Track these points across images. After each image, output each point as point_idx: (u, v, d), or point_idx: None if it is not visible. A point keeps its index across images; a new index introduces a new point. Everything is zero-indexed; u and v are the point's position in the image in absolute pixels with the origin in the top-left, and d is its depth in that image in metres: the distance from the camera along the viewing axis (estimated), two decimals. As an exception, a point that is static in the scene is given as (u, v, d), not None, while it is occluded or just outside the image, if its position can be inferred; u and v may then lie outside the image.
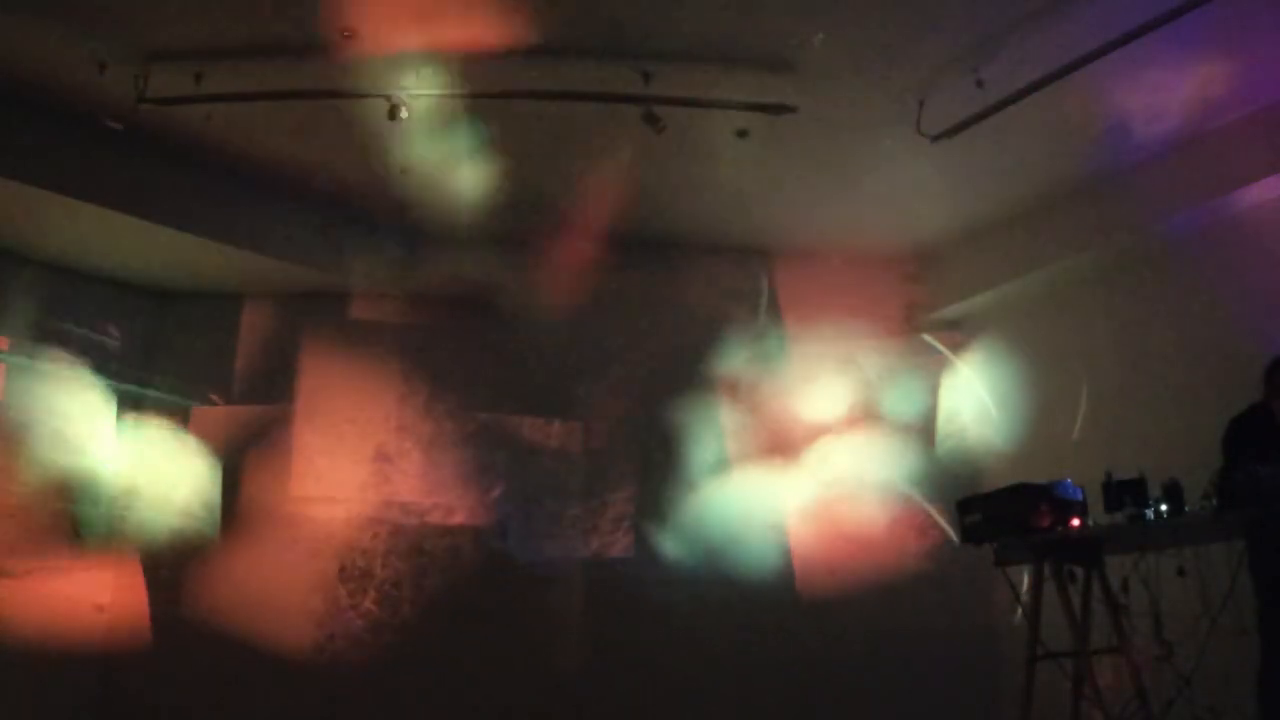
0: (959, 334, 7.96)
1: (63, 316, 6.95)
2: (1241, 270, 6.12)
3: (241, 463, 7.23)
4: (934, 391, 7.96)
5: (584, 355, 7.64)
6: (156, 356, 7.40)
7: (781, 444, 7.71)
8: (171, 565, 7.01)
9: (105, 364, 7.08)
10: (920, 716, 7.08)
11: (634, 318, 7.73)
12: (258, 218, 6.89)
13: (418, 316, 7.58)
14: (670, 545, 7.39)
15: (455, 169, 6.60)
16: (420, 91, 5.59)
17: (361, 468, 7.31)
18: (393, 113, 5.59)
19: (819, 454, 7.72)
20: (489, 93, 5.68)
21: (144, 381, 7.28)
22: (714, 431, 7.62)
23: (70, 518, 6.75)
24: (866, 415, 7.80)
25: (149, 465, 7.16)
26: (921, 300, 7.95)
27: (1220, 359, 5.99)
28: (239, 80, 5.60)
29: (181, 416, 7.30)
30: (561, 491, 7.48)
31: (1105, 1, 4.91)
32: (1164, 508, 4.73)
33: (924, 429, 7.86)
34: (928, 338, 8.03)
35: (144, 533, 7.04)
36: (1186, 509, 4.70)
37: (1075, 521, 5.02)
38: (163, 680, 6.81)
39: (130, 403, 7.20)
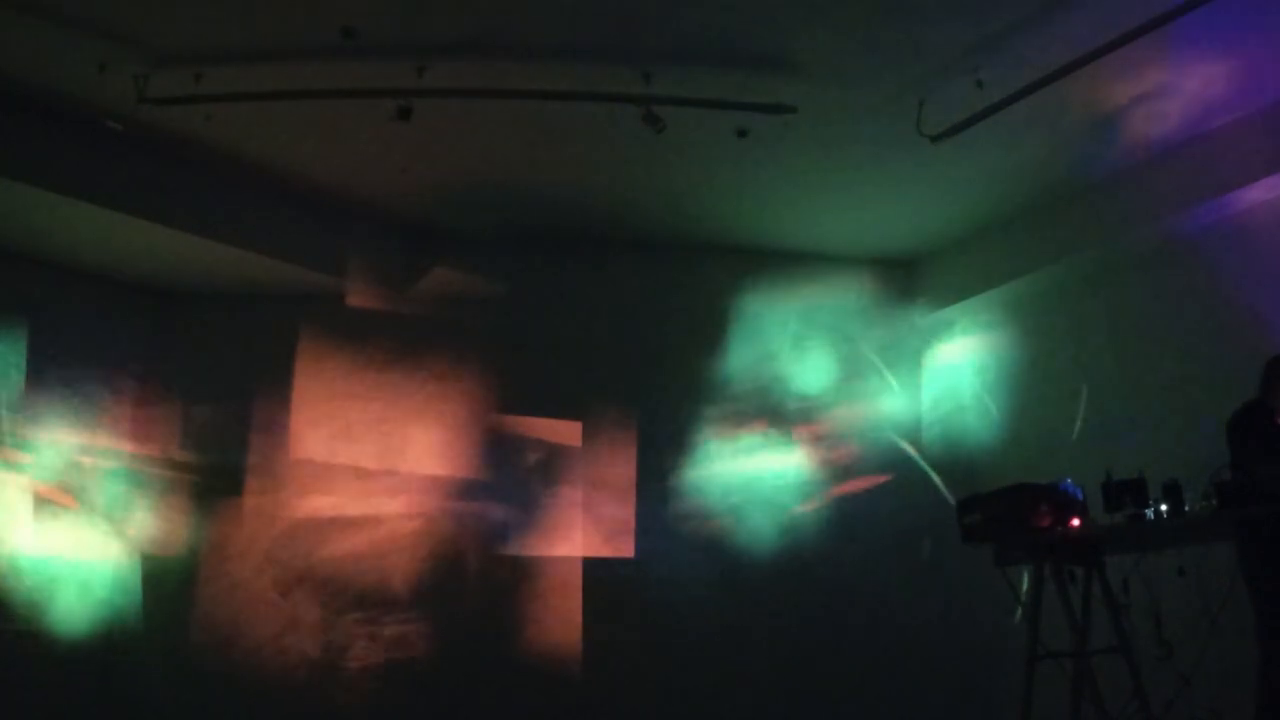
0: (958, 334, 7.95)
1: (62, 316, 6.96)
2: (1240, 270, 6.12)
3: (239, 464, 7.23)
4: (934, 391, 7.96)
5: (584, 355, 7.64)
6: (156, 356, 7.40)
7: (781, 443, 7.71)
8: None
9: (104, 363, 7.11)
10: (920, 716, 7.09)
11: (634, 316, 7.73)
12: (258, 218, 6.88)
13: (417, 317, 7.58)
14: (670, 544, 7.39)
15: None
16: (420, 91, 5.58)
17: (360, 468, 7.31)
18: (403, 113, 5.57)
19: (819, 453, 7.72)
20: (490, 92, 5.68)
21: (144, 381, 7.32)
22: (713, 430, 7.62)
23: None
24: (866, 414, 7.81)
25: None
26: (921, 300, 7.95)
27: (1220, 359, 5.98)
28: (239, 80, 5.60)
29: (181, 417, 7.29)
30: (561, 490, 7.47)
31: (1106, 1, 4.91)
32: (1164, 508, 4.73)
33: (924, 428, 7.87)
34: (928, 338, 8.03)
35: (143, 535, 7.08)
36: (1186, 509, 4.70)
37: (1075, 521, 5.02)
38: (164, 682, 6.83)
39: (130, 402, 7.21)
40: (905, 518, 7.60)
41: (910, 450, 7.74)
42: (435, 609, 7.17)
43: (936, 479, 7.63)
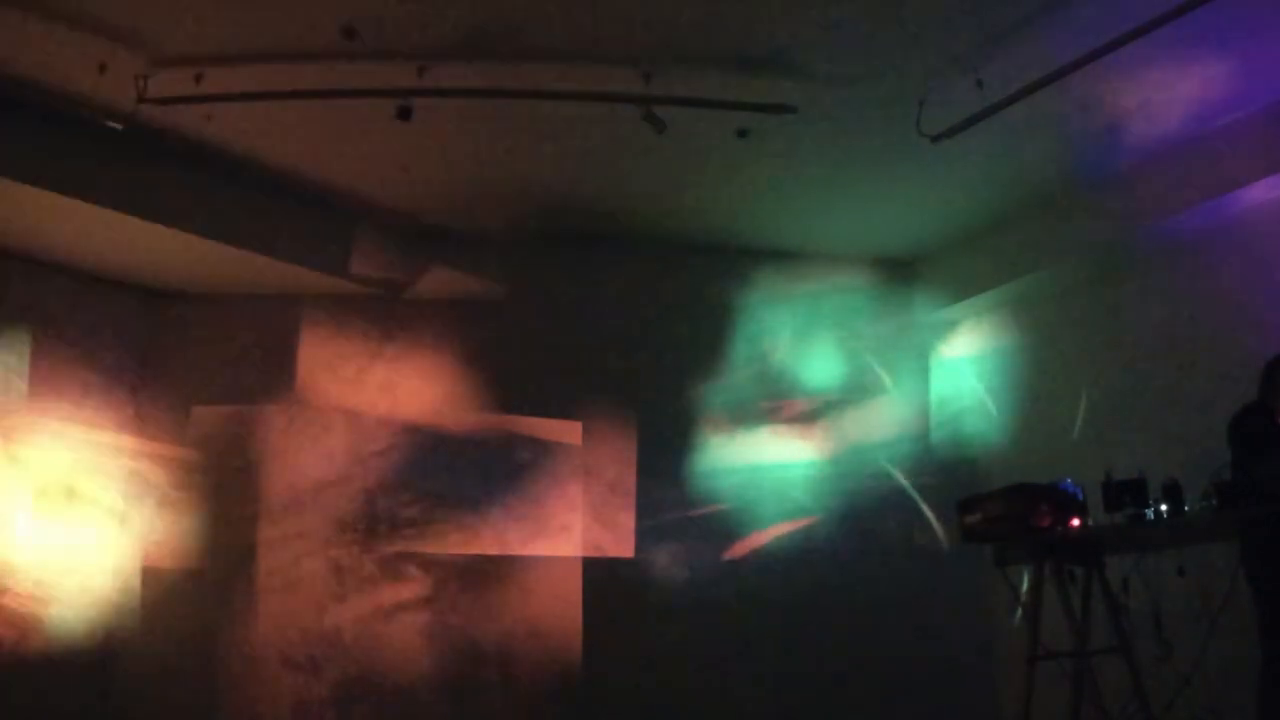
0: (958, 334, 7.96)
1: (62, 316, 6.96)
2: (1240, 270, 6.12)
3: (239, 464, 7.23)
4: (940, 391, 7.96)
5: (584, 355, 7.64)
6: (156, 356, 7.40)
7: (782, 442, 7.71)
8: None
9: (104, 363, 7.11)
10: (920, 717, 7.09)
11: (634, 316, 7.73)
12: (258, 218, 6.88)
13: (417, 317, 7.58)
14: (670, 544, 7.39)
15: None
16: (420, 91, 5.57)
17: (361, 469, 7.31)
18: (403, 113, 5.56)
19: (820, 452, 7.72)
20: (490, 92, 5.68)
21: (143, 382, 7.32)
22: (713, 430, 7.62)
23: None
24: (866, 415, 7.80)
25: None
26: (922, 300, 7.95)
27: (1219, 359, 5.98)
28: (239, 80, 5.59)
29: (181, 418, 7.29)
30: (561, 490, 7.48)
31: (1105, 1, 4.91)
32: (1164, 508, 4.74)
33: (923, 429, 7.87)
34: (928, 338, 8.03)
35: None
36: (1186, 509, 4.70)
37: (1075, 521, 5.03)
38: (164, 682, 6.84)
39: (130, 402, 7.22)
40: (906, 518, 7.60)
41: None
42: (433, 609, 7.17)
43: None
